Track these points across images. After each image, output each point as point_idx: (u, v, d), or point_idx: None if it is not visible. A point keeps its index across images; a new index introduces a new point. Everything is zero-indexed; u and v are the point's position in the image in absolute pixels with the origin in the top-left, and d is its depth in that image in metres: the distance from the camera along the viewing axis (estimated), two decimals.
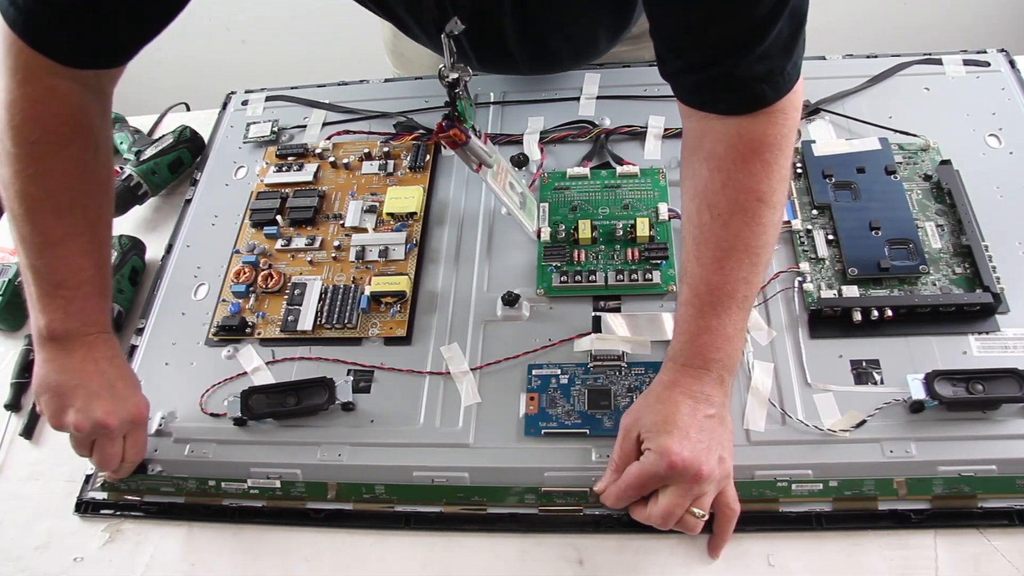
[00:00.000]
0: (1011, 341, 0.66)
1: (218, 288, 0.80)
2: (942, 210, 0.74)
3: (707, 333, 0.59)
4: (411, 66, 1.02)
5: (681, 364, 0.60)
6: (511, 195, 0.75)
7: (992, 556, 0.58)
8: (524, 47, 0.76)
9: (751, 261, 0.59)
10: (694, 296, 0.60)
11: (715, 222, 0.59)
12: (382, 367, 0.72)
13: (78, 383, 0.64)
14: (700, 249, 0.60)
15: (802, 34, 0.56)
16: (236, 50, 1.86)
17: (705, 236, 0.59)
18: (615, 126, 0.85)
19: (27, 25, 0.59)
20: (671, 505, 0.57)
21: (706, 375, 0.59)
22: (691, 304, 0.60)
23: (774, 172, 0.58)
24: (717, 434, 0.58)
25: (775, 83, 0.57)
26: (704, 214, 0.59)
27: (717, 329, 0.59)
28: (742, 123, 0.58)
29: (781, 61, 0.56)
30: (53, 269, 0.64)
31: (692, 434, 0.56)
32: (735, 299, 0.59)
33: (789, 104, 0.58)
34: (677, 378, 0.59)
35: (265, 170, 0.89)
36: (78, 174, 0.64)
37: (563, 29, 0.76)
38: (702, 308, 0.59)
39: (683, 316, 0.61)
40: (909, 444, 0.61)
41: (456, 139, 0.68)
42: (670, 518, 0.57)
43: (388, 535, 0.65)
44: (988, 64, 0.86)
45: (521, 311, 0.73)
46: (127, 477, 0.68)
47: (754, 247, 0.59)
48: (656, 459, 0.56)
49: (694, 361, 0.59)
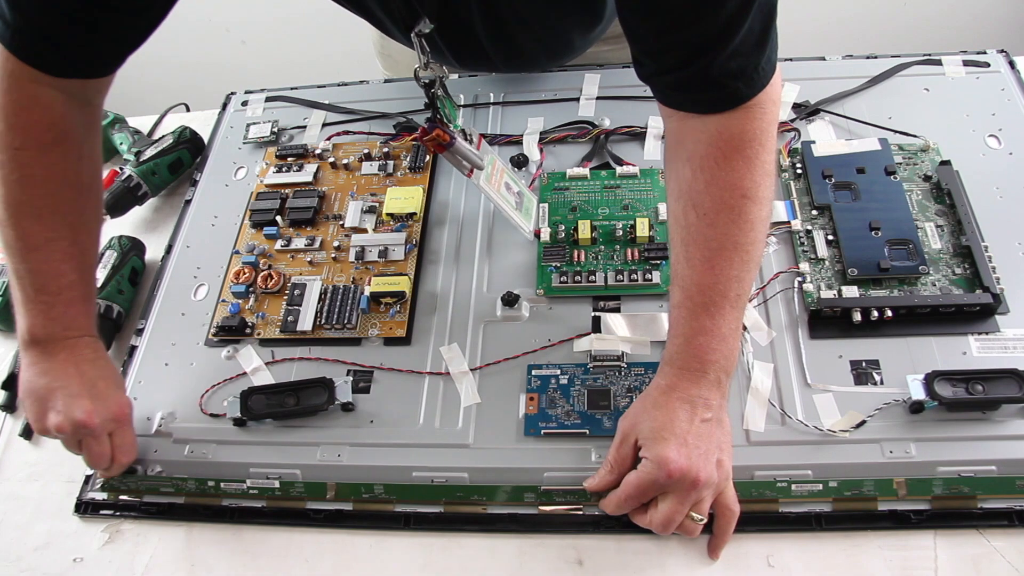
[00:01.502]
0: (1011, 341, 0.66)
1: (218, 288, 0.80)
2: (942, 211, 0.74)
3: (702, 335, 0.58)
4: (399, 67, 1.02)
5: (678, 367, 0.59)
6: (506, 196, 0.75)
7: (992, 557, 0.57)
8: (496, 46, 0.76)
9: (741, 259, 0.58)
10: (686, 298, 0.59)
11: (701, 222, 0.59)
12: (382, 367, 0.72)
13: (59, 385, 0.64)
14: (689, 250, 0.60)
15: (773, 29, 0.57)
16: (236, 51, 1.86)
17: (693, 236, 0.59)
18: (615, 127, 0.85)
19: (12, 36, 0.60)
20: (670, 512, 0.57)
21: (703, 377, 0.58)
22: (684, 306, 0.60)
23: (757, 167, 0.58)
24: (715, 438, 0.58)
25: (749, 79, 0.57)
26: (690, 214, 0.59)
27: (711, 330, 0.58)
28: (721, 121, 0.58)
29: (754, 57, 0.56)
30: (34, 274, 0.64)
31: (689, 440, 0.56)
32: (728, 298, 0.58)
33: (767, 98, 0.58)
34: (674, 382, 0.59)
35: (265, 171, 0.89)
36: (59, 180, 0.65)
37: (531, 28, 0.75)
38: (695, 310, 0.59)
39: (676, 319, 0.60)
40: (909, 444, 0.61)
41: (440, 140, 0.67)
42: (670, 524, 0.57)
43: (388, 535, 0.65)
44: (988, 65, 0.86)
45: (521, 311, 0.73)
46: (125, 477, 0.68)
47: (743, 244, 0.58)
48: (654, 468, 0.56)
49: (691, 364, 0.59)
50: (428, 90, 0.65)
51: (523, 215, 0.77)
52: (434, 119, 0.66)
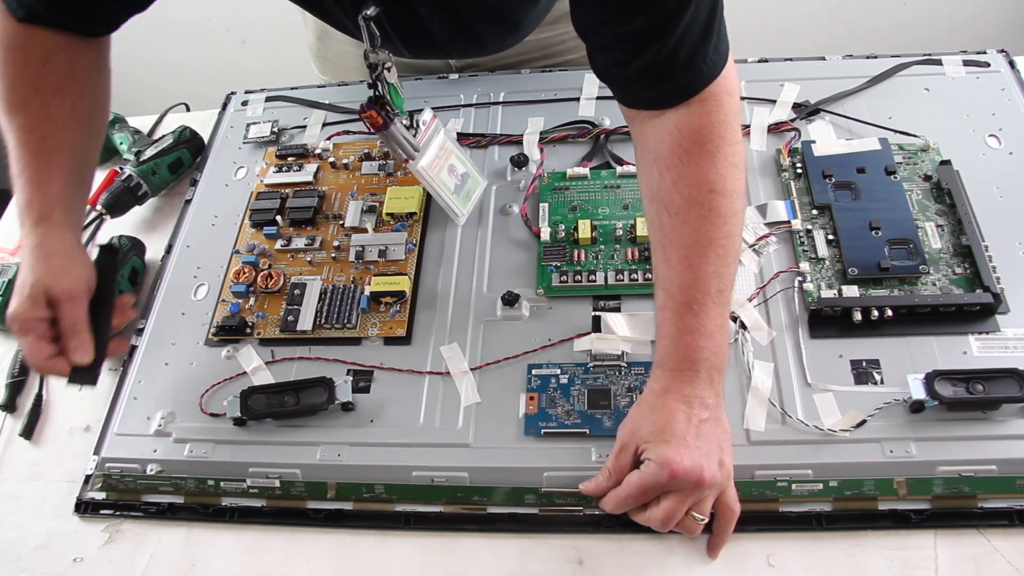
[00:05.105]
0: (1011, 341, 0.66)
1: (218, 288, 0.80)
2: (942, 210, 0.74)
3: (688, 334, 0.58)
4: (336, 70, 1.02)
5: (669, 369, 0.59)
6: (445, 181, 0.75)
7: (992, 556, 0.57)
8: (443, 27, 0.74)
9: (717, 254, 0.58)
10: (668, 299, 0.60)
11: (674, 221, 0.59)
12: (382, 367, 0.72)
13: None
14: (666, 251, 0.60)
15: (718, 18, 0.57)
16: (236, 50, 1.86)
17: (668, 237, 0.60)
18: (615, 126, 0.85)
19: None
20: (671, 509, 0.57)
21: (695, 377, 0.58)
22: (667, 308, 0.60)
23: (720, 160, 0.59)
24: (715, 437, 0.58)
25: (698, 70, 0.57)
26: (663, 215, 0.60)
27: (696, 328, 0.58)
28: (678, 117, 0.59)
29: (702, 47, 0.57)
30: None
31: (690, 440, 0.56)
32: (709, 295, 0.58)
33: (720, 90, 0.59)
34: (667, 384, 0.59)
35: (265, 170, 0.89)
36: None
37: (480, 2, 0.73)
38: (678, 310, 0.59)
39: (662, 321, 0.60)
40: (909, 444, 0.61)
41: (373, 122, 0.68)
42: (669, 522, 0.57)
43: (388, 535, 0.65)
44: (988, 64, 0.86)
45: (521, 311, 0.73)
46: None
47: (718, 239, 0.58)
48: (657, 469, 0.56)
49: (681, 364, 0.59)
50: (372, 71, 0.66)
51: (461, 198, 0.77)
52: (372, 100, 0.68)
